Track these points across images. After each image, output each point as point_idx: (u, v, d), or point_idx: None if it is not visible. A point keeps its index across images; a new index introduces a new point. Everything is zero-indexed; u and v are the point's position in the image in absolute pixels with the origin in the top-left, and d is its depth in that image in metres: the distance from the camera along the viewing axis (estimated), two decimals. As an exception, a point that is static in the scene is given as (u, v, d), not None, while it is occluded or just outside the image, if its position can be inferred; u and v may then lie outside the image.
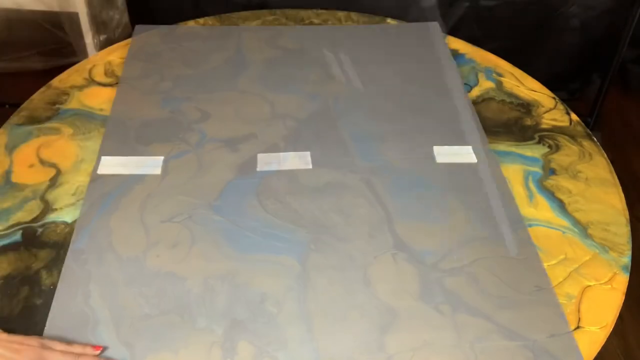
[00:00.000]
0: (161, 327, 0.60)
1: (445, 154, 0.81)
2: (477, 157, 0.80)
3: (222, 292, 0.63)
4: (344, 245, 0.68)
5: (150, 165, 0.78)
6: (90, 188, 0.74)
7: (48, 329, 0.59)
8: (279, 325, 0.60)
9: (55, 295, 0.62)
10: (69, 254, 0.66)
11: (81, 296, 0.62)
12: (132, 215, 0.71)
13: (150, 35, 1.03)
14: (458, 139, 0.83)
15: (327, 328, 0.60)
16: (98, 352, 0.57)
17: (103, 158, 0.78)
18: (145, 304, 0.62)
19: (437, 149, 0.81)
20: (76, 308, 0.61)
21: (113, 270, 0.65)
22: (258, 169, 0.78)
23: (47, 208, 0.72)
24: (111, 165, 0.77)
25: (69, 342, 0.58)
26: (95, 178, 0.75)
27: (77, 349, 0.57)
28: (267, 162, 0.79)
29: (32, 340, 0.56)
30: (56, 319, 0.60)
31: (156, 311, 0.61)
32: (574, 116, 0.89)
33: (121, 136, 0.82)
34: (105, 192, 0.74)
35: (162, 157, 0.79)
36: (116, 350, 0.58)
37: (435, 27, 1.08)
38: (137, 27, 1.05)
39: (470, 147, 0.81)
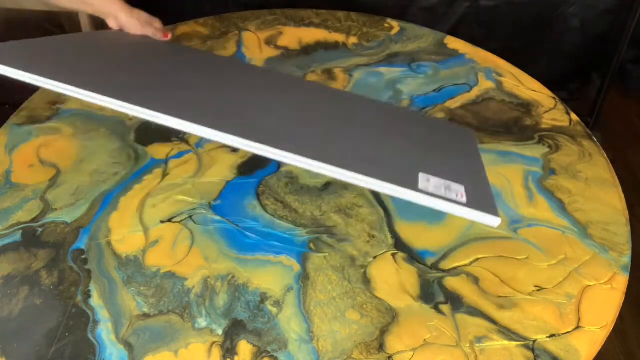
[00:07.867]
0: (161, 327, 0.60)
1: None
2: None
3: (222, 292, 0.64)
4: (344, 245, 0.69)
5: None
6: None
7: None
8: (279, 325, 0.61)
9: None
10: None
11: (81, 296, 0.62)
12: (131, 214, 0.71)
13: None
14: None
15: (327, 328, 0.60)
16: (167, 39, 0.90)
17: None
18: (144, 303, 0.62)
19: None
20: (76, 308, 0.61)
21: (112, 270, 0.65)
22: (258, 169, 0.78)
23: (47, 208, 0.72)
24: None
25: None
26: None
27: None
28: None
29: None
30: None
31: (155, 311, 0.62)
32: (574, 116, 0.89)
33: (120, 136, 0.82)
34: None
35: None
36: (115, 350, 0.58)
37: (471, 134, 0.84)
38: None
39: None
